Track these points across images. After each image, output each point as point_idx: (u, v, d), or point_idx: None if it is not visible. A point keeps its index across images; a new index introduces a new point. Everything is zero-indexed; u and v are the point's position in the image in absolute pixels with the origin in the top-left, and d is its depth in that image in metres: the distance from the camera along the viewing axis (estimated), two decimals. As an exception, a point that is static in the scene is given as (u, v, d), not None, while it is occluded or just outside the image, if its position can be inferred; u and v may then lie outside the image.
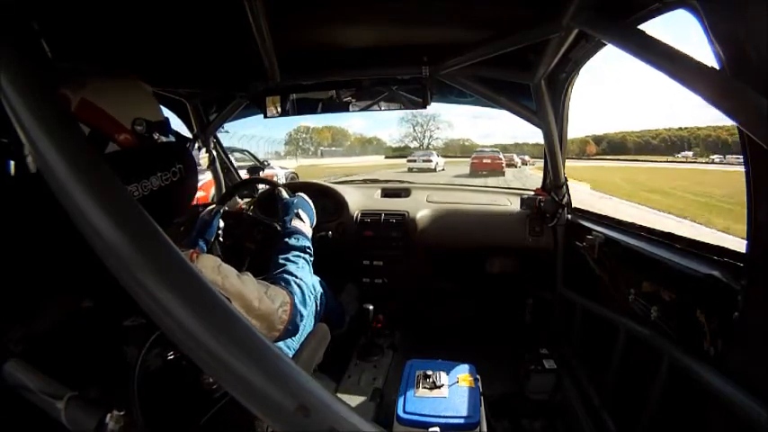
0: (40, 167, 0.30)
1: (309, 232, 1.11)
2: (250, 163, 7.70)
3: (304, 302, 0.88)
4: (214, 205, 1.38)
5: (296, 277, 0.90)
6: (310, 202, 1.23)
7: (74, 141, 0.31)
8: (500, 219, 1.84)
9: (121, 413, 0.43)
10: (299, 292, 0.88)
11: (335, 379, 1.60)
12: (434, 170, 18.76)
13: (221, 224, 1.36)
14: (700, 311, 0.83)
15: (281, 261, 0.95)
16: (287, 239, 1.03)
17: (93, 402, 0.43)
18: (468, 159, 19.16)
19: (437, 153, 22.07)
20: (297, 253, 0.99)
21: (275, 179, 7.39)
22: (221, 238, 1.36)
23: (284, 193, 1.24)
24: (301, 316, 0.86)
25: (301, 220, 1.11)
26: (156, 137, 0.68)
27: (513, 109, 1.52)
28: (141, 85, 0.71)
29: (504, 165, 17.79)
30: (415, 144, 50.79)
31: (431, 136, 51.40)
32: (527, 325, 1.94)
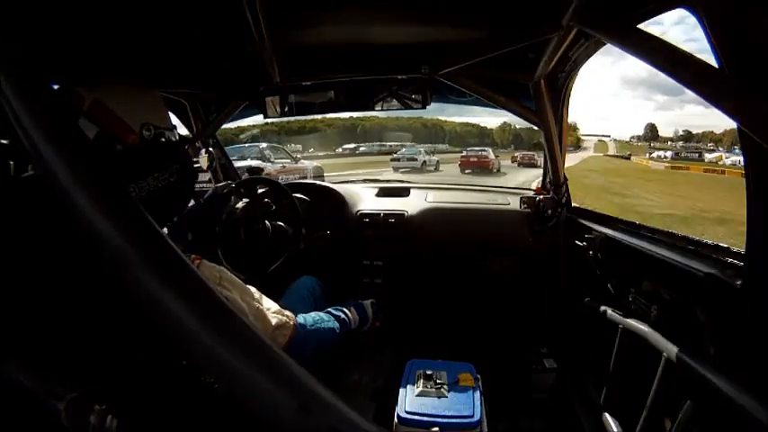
0: (39, 169, 0.30)
1: (352, 323, 1.17)
2: (287, 160, 7.89)
3: (313, 326, 0.93)
4: (230, 183, 1.42)
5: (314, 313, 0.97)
6: (370, 315, 1.28)
7: (74, 142, 0.31)
8: (500, 218, 1.83)
9: (121, 413, 0.43)
10: (309, 318, 0.93)
11: (336, 379, 1.60)
12: (420, 169, 17.39)
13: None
14: (700, 311, 0.83)
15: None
16: (329, 309, 1.12)
17: (94, 402, 0.43)
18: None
19: (426, 151, 20.35)
20: (330, 311, 1.08)
21: (306, 173, 7.75)
22: (217, 226, 1.37)
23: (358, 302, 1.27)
24: (305, 340, 0.87)
25: (347, 313, 1.16)
26: (163, 141, 0.69)
27: (512, 109, 1.52)
28: (154, 92, 0.72)
29: (491, 163, 17.46)
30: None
31: None
32: (527, 324, 1.94)
